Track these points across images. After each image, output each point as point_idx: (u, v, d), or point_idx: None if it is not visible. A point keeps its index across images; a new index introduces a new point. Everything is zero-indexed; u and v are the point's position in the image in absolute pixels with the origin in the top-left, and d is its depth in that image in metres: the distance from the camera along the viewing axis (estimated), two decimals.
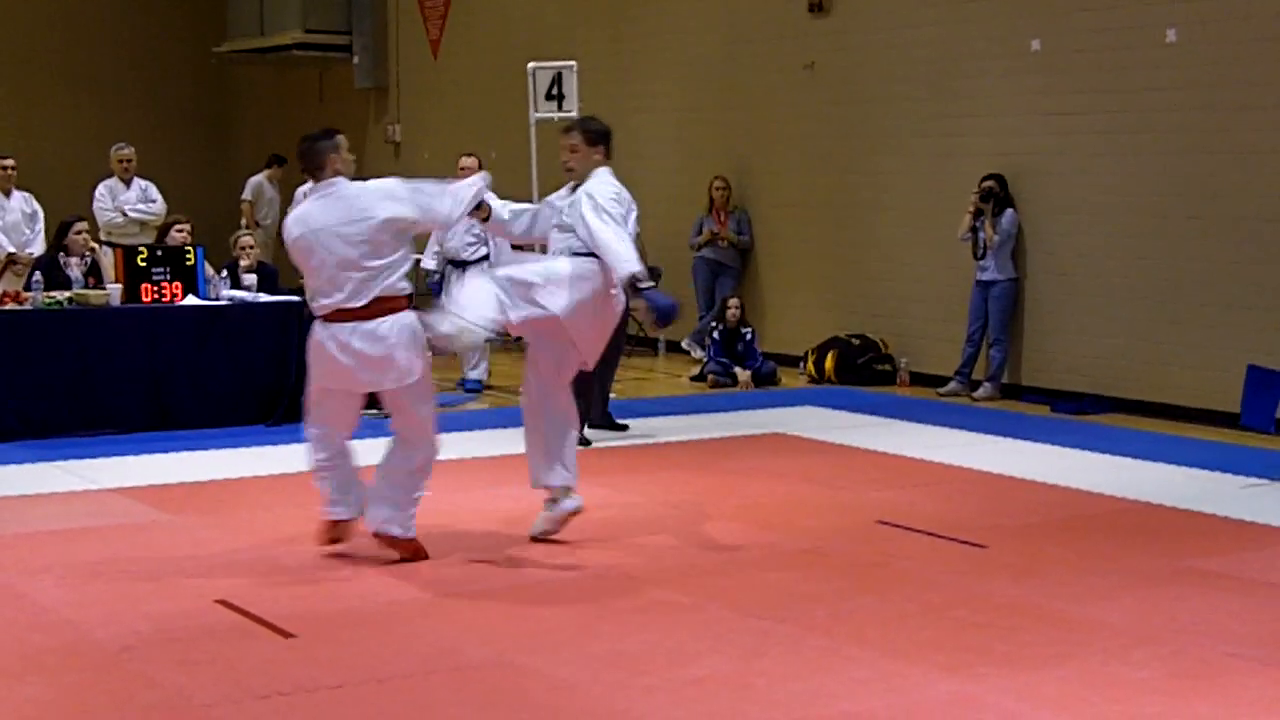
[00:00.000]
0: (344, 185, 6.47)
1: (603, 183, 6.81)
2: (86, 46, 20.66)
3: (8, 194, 12.51)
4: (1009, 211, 11.33)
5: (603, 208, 6.63)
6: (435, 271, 12.10)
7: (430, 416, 6.66)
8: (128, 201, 13.19)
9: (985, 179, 11.37)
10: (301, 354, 10.34)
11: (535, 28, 15.91)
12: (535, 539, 6.95)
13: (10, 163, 12.63)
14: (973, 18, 11.72)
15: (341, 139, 6.57)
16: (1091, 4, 10.90)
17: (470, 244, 12.07)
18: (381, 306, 6.40)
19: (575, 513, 6.94)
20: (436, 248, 12.09)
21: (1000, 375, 11.45)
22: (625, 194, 6.86)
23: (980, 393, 11.42)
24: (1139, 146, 10.67)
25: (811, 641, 5.49)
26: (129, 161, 13.28)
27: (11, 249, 12.36)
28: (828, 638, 5.53)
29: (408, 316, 6.45)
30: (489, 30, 16.93)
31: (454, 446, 9.43)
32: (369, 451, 6.97)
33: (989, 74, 11.61)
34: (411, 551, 6.62)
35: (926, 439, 9.71)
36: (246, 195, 17.25)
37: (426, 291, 12.41)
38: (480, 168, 12.19)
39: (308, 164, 6.51)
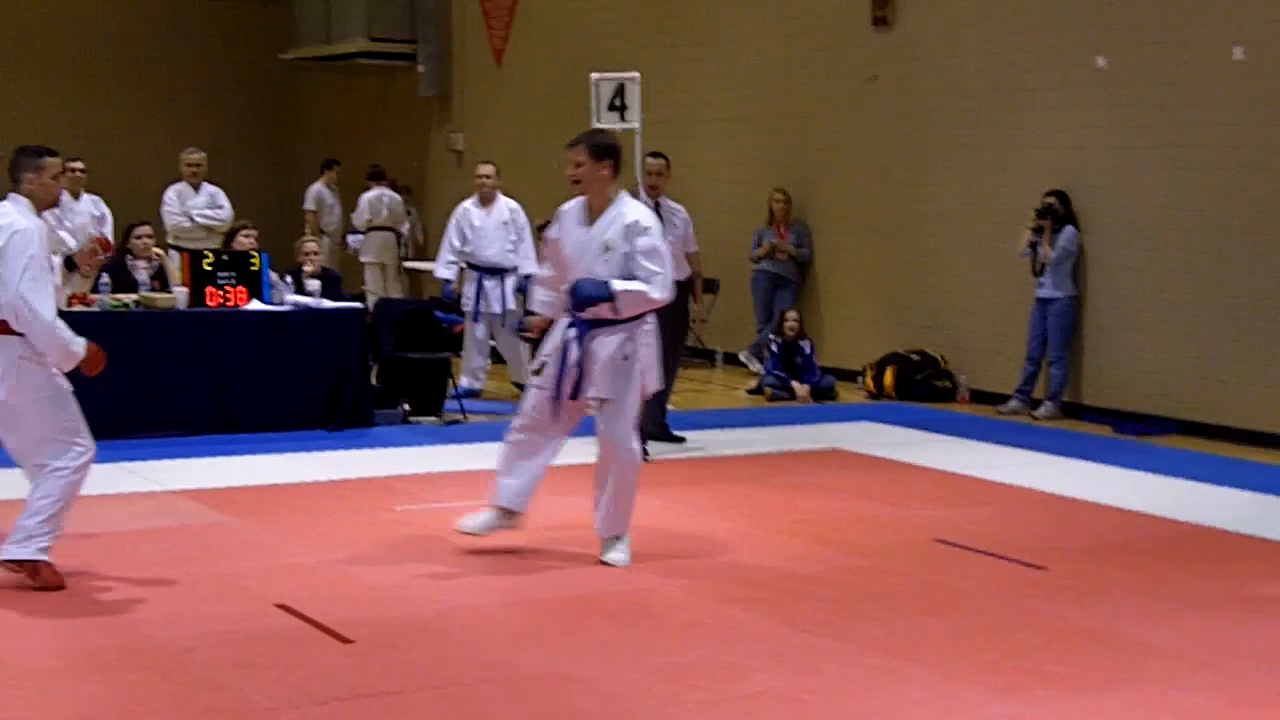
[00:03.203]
0: (7, 209, 6.21)
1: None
2: (156, 53, 20.90)
3: (77, 196, 12.63)
4: (1069, 228, 11.26)
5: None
6: (451, 280, 12.15)
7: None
8: (195, 207, 13.32)
9: (1047, 195, 11.31)
10: (364, 360, 10.49)
11: (597, 38, 15.95)
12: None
13: (80, 165, 12.75)
14: (1038, 33, 11.66)
15: (49, 162, 6.29)
16: (1157, 21, 10.83)
17: (509, 250, 12.12)
18: None
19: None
20: (451, 256, 12.13)
21: (1061, 394, 11.36)
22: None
23: (1041, 411, 11.33)
24: (1203, 164, 10.57)
25: (867, 660, 5.48)
26: (198, 167, 13.40)
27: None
28: (884, 656, 5.51)
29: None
30: (552, 40, 16.99)
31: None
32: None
33: (1053, 89, 11.54)
34: (36, 574, 6.25)
35: (986, 457, 9.65)
36: (309, 205, 17.41)
37: (447, 300, 12.50)
38: (498, 175, 12.30)
39: (9, 171, 6.36)
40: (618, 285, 6.68)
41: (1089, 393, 11.39)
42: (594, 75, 11.95)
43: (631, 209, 6.82)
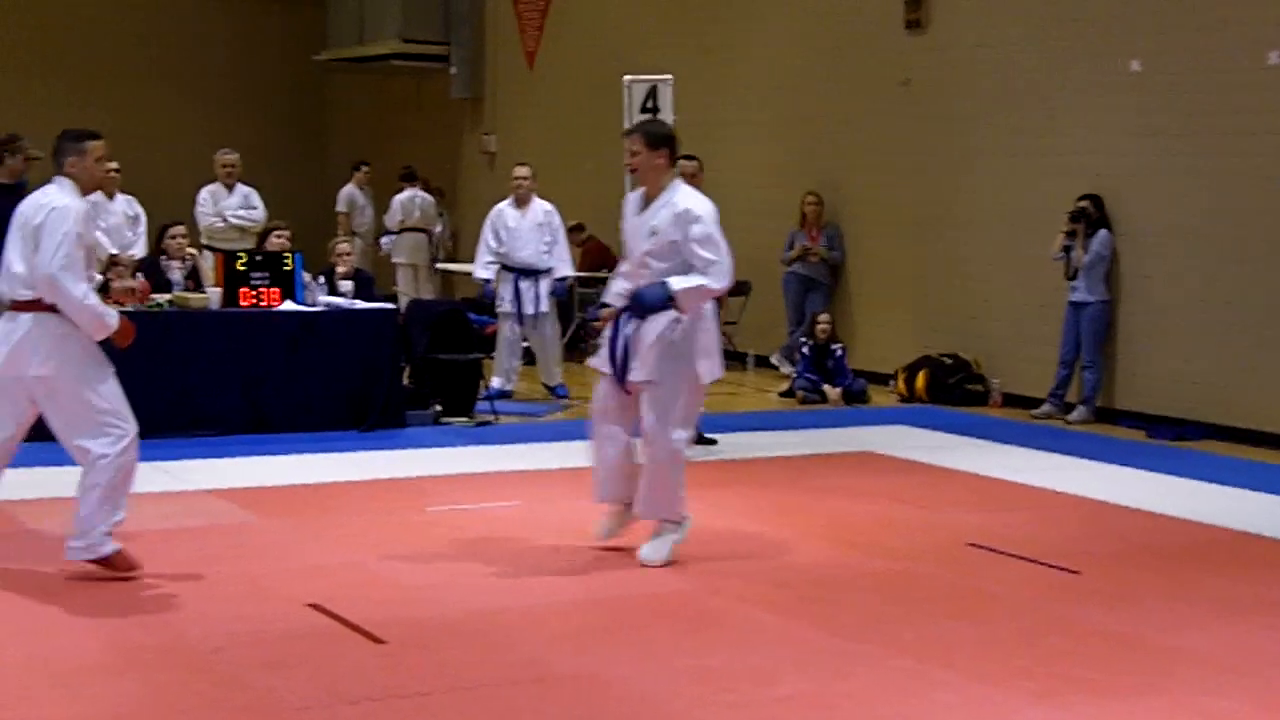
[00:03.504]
0: (49, 194, 6.35)
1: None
2: (190, 54, 21.03)
3: (111, 196, 12.69)
4: (1102, 232, 11.20)
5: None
6: (490, 280, 12.22)
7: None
8: (229, 207, 13.38)
9: (1080, 199, 11.26)
10: (396, 361, 10.52)
11: (630, 40, 15.96)
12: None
13: (114, 165, 12.80)
14: (1073, 37, 11.61)
15: (92, 145, 6.40)
16: (1193, 25, 10.77)
17: (544, 251, 12.16)
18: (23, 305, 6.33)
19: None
20: (489, 257, 12.18)
21: (1094, 398, 11.31)
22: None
23: (1074, 416, 11.28)
24: (1238, 169, 10.51)
25: (898, 664, 5.46)
26: (233, 167, 13.45)
27: (114, 250, 12.56)
28: (915, 660, 5.49)
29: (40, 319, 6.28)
30: (584, 42, 17.01)
31: (538, 457, 9.53)
32: None
33: (1088, 93, 11.49)
34: (110, 564, 6.41)
35: (1018, 461, 9.61)
36: (340, 207, 17.47)
37: (485, 301, 12.54)
38: (534, 177, 12.35)
39: (53, 155, 6.47)
40: (675, 285, 6.63)
41: (1122, 397, 11.33)
42: (626, 77, 11.95)
43: (684, 197, 6.76)
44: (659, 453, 6.77)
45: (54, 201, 6.30)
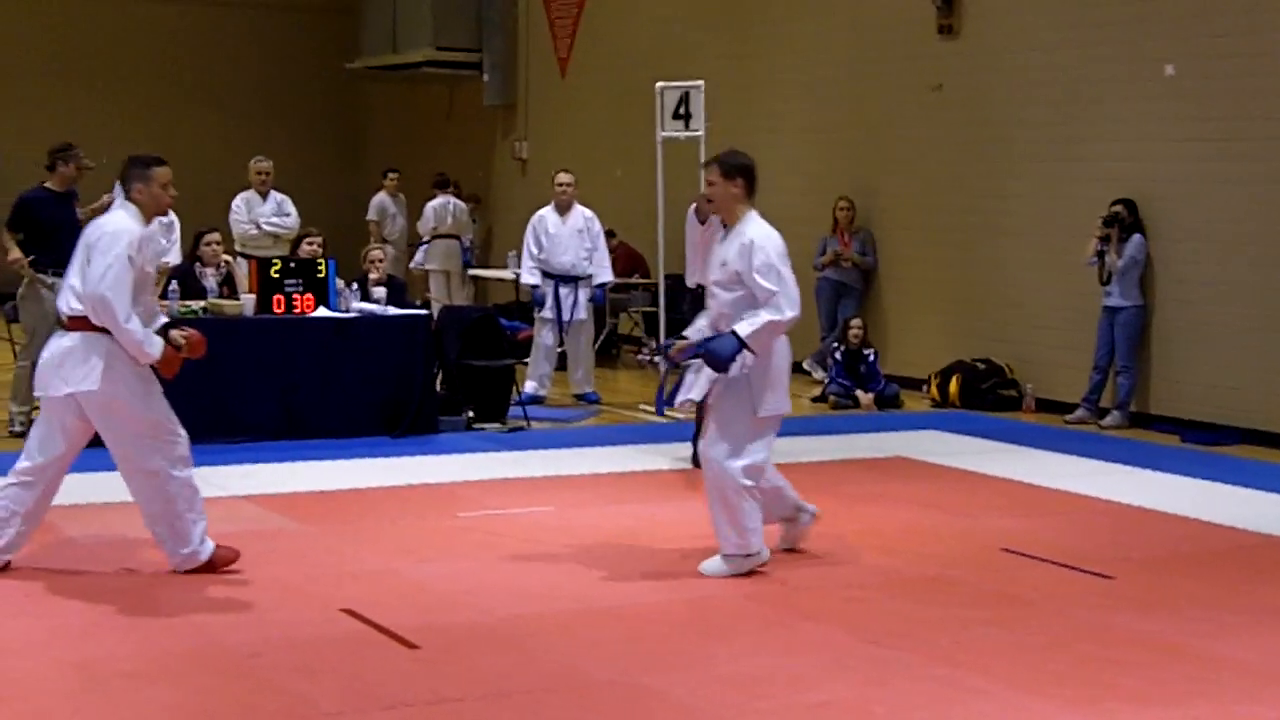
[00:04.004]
0: (111, 217, 6.49)
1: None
2: (224, 62, 21.14)
3: None
4: (1136, 237, 11.15)
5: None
6: (539, 285, 12.27)
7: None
8: (263, 215, 13.43)
9: (1114, 204, 11.21)
10: (429, 367, 10.55)
11: (662, 47, 15.97)
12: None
13: None
14: (1105, 42, 11.56)
15: (158, 172, 6.53)
16: (1227, 29, 10.71)
17: (584, 257, 12.20)
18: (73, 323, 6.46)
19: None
20: (532, 263, 12.23)
21: (1128, 403, 11.26)
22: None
23: (1108, 421, 11.23)
24: (1273, 174, 10.44)
25: (934, 671, 5.44)
26: (266, 175, 13.50)
27: None
28: (951, 667, 5.47)
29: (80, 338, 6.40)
30: (616, 49, 17.03)
31: (571, 463, 9.53)
32: None
33: (1120, 98, 11.44)
34: (213, 565, 6.63)
35: (1052, 466, 9.57)
36: (371, 215, 17.52)
37: (537, 304, 12.56)
38: (576, 185, 12.39)
39: (120, 180, 6.62)
40: (744, 331, 6.57)
41: (1156, 402, 11.27)
42: (658, 84, 11.98)
43: (751, 228, 6.76)
44: (711, 478, 6.71)
45: (110, 225, 6.44)
